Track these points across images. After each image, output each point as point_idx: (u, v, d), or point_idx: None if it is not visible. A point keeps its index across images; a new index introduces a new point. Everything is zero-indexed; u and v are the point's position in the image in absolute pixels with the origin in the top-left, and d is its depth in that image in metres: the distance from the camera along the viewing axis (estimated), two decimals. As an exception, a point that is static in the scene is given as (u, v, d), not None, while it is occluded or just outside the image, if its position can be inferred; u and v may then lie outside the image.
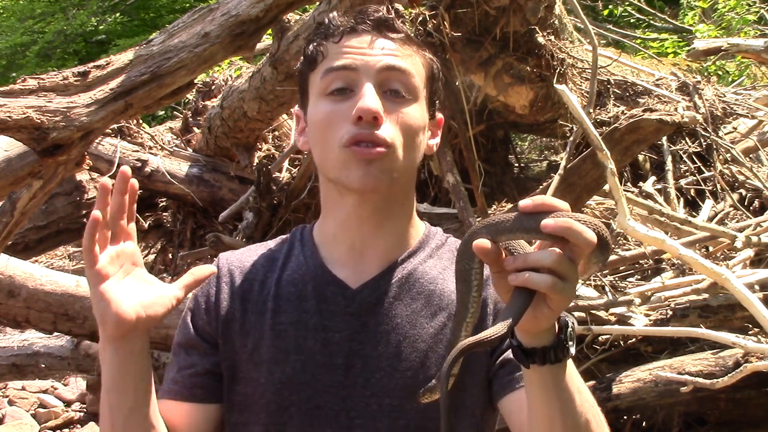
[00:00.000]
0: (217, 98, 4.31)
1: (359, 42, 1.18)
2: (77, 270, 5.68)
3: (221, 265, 1.28)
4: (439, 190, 3.68)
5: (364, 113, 1.13)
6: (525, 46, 3.15)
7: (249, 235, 3.42)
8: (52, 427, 4.94)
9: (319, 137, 1.19)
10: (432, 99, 1.25)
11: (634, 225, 2.43)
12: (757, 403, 2.69)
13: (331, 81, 1.17)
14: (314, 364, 1.18)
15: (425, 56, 1.24)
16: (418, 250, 1.26)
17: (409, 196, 1.27)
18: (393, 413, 1.16)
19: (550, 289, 0.91)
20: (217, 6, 2.40)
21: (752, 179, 3.90)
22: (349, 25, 1.19)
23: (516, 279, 0.92)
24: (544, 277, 0.91)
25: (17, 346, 3.95)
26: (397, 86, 1.17)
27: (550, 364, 0.98)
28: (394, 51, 1.19)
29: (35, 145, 2.11)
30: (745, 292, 2.39)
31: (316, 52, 1.20)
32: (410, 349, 1.18)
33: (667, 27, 8.66)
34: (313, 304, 1.20)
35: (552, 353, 0.98)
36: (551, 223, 0.89)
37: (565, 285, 0.91)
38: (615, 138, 2.63)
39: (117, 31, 12.18)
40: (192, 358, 1.22)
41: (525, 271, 0.92)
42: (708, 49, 4.80)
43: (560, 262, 0.91)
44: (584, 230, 0.90)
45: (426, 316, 1.20)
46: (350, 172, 1.15)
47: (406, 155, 1.18)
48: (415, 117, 1.19)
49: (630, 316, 2.75)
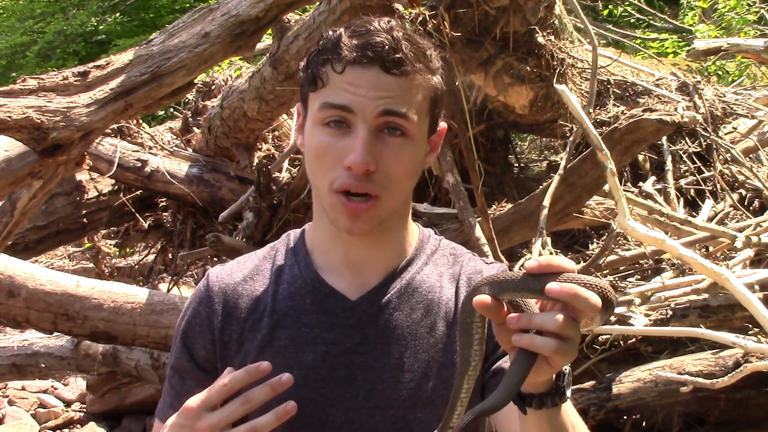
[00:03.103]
0: (217, 98, 4.31)
1: (361, 78, 1.13)
2: (77, 270, 5.68)
3: (212, 284, 1.25)
4: (439, 190, 3.69)
5: (354, 167, 1.11)
6: (525, 46, 3.16)
7: (249, 235, 3.42)
8: (52, 427, 4.94)
9: (311, 164, 1.18)
10: (434, 120, 1.22)
11: (634, 225, 2.43)
12: (757, 403, 2.69)
13: (327, 114, 1.15)
14: (316, 378, 1.17)
15: (431, 83, 1.19)
16: (415, 257, 1.25)
17: (406, 208, 1.25)
18: (396, 424, 1.16)
19: (553, 353, 0.92)
20: (217, 6, 2.40)
21: (752, 179, 3.90)
22: (353, 56, 1.14)
23: (520, 341, 0.93)
24: (548, 341, 0.91)
25: (17, 346, 3.95)
26: (396, 126, 1.14)
27: (547, 409, 1.00)
28: (395, 93, 1.14)
29: (35, 145, 2.11)
30: (745, 292, 2.39)
31: (317, 77, 1.16)
32: (412, 360, 1.18)
33: (667, 27, 8.66)
34: (313, 317, 1.20)
35: (549, 399, 0.99)
36: (556, 288, 0.90)
37: (568, 346, 0.92)
38: (615, 138, 2.63)
39: (117, 31, 12.17)
40: (187, 384, 1.22)
41: (529, 335, 0.93)
42: (708, 49, 4.80)
43: (565, 326, 0.91)
44: (589, 296, 0.90)
45: (426, 326, 1.20)
46: (338, 218, 1.15)
47: (399, 194, 1.18)
48: (410, 160, 1.16)
49: (630, 316, 2.75)
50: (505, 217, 2.99)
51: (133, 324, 2.99)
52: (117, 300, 2.99)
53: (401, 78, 1.14)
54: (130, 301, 3.01)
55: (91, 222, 4.21)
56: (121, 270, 5.46)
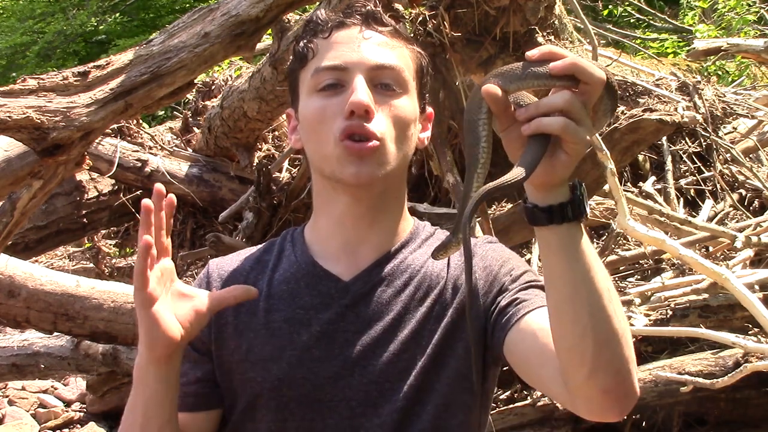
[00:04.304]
0: (217, 98, 4.31)
1: (348, 36, 1.19)
2: (77, 270, 5.68)
3: (211, 271, 1.28)
4: (439, 190, 3.68)
5: (355, 107, 1.13)
6: (525, 46, 3.15)
7: (249, 235, 3.42)
8: (52, 427, 4.93)
9: (312, 133, 1.20)
10: (422, 92, 1.26)
11: (634, 225, 2.43)
12: (757, 403, 2.69)
13: (321, 79, 1.18)
14: (311, 358, 1.18)
15: (414, 50, 1.24)
16: (409, 241, 1.27)
17: (402, 191, 1.27)
18: (393, 397, 1.17)
19: (564, 131, 0.91)
20: (217, 6, 2.40)
21: (752, 179, 3.90)
22: (337, 19, 1.20)
23: (529, 127, 0.93)
24: (557, 119, 0.91)
25: (17, 346, 3.94)
26: (388, 81, 1.18)
27: (569, 222, 0.97)
28: (383, 45, 1.19)
29: (35, 145, 2.11)
30: (745, 292, 2.39)
31: (306, 50, 1.21)
32: (405, 333, 1.19)
33: (667, 27, 8.66)
34: (307, 299, 1.21)
35: (569, 209, 0.97)
36: (559, 63, 0.91)
37: (579, 128, 0.91)
38: (615, 138, 2.63)
39: (117, 31, 12.17)
40: (183, 366, 1.22)
41: (537, 119, 0.92)
42: (708, 49, 4.81)
43: (572, 103, 0.91)
44: (593, 67, 0.91)
45: (417, 299, 1.21)
46: (344, 168, 1.16)
47: (398, 147, 1.19)
48: (406, 109, 1.19)
49: (630, 316, 2.75)
50: (505, 217, 2.99)
51: (133, 324, 2.98)
52: (117, 300, 2.99)
53: (387, 35, 1.20)
54: (130, 301, 3.01)
55: (91, 222, 4.21)
56: (121, 270, 5.45)
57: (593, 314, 0.97)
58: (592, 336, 0.97)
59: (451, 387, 1.19)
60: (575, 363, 1.00)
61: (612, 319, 0.98)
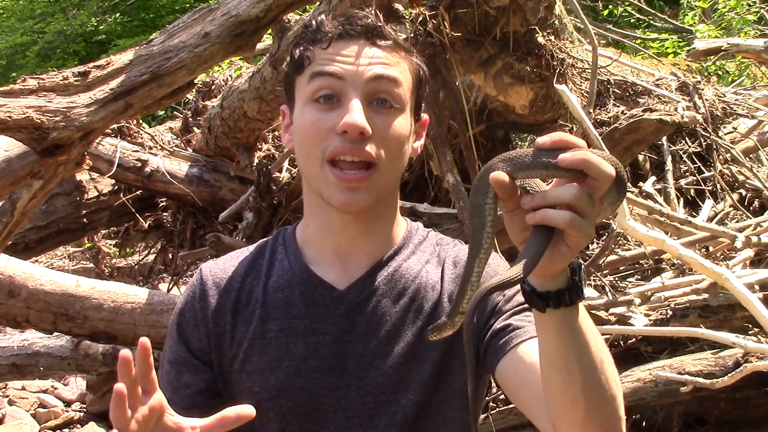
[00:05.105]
0: (217, 98, 4.31)
1: (348, 50, 1.17)
2: (77, 270, 5.68)
3: (205, 278, 1.26)
4: (439, 190, 3.68)
5: (350, 128, 1.12)
6: (525, 46, 3.15)
7: (249, 235, 3.42)
8: (52, 427, 4.93)
9: (303, 144, 1.18)
10: (418, 103, 1.25)
11: (634, 225, 2.43)
12: (757, 403, 2.69)
13: (317, 87, 1.16)
14: (307, 368, 1.18)
15: (413, 62, 1.23)
16: (402, 247, 1.26)
17: (394, 197, 1.27)
18: (390, 408, 1.17)
19: (569, 225, 0.89)
20: (217, 6, 2.40)
21: (752, 179, 3.90)
22: (337, 31, 1.18)
23: (534, 217, 0.91)
24: (563, 213, 0.89)
25: (17, 346, 3.94)
26: (385, 96, 1.17)
27: (565, 307, 0.97)
28: (382, 59, 1.18)
29: (35, 145, 2.11)
30: (745, 292, 2.39)
31: (303, 57, 1.19)
32: (402, 344, 1.19)
33: (667, 27, 8.66)
34: (302, 309, 1.20)
35: (567, 295, 0.96)
36: (569, 156, 0.88)
37: (584, 222, 0.89)
38: (615, 138, 2.63)
39: (117, 31, 12.17)
40: (184, 377, 1.22)
41: (542, 209, 0.90)
42: (708, 49, 4.81)
43: (579, 197, 0.89)
44: (603, 163, 0.88)
45: (413, 310, 1.21)
46: (332, 193, 1.15)
47: (392, 168, 1.18)
48: (401, 129, 1.18)
49: (630, 316, 2.75)
50: (505, 218, 2.99)
51: (133, 324, 2.99)
52: (117, 300, 2.99)
53: (387, 50, 1.19)
54: (131, 301, 3.01)
55: (91, 222, 4.21)
56: (121, 270, 5.46)
57: (585, 386, 0.99)
58: (583, 403, 1.00)
59: (449, 404, 1.20)
60: (565, 421, 1.03)
61: (604, 386, 1.01)
